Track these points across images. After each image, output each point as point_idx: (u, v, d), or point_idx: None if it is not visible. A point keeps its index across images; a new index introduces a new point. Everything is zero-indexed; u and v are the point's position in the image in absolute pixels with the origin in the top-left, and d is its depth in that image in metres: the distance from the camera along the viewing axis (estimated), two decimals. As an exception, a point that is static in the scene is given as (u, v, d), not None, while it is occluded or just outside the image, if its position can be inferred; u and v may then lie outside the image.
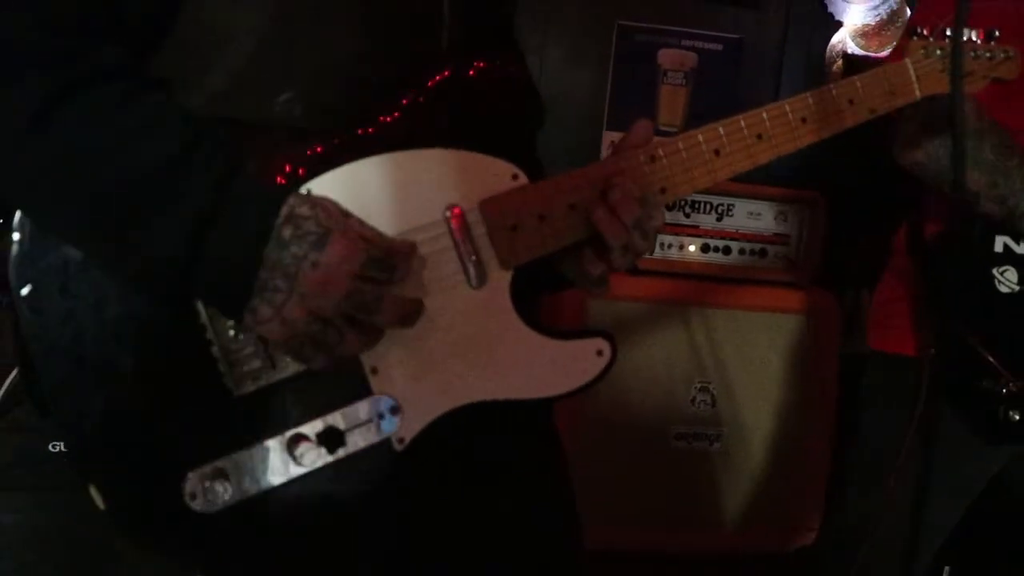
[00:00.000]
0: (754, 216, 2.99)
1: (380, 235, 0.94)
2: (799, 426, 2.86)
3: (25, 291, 0.89)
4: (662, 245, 2.98)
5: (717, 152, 1.20)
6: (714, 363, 2.94)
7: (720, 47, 3.66)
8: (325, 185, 0.96)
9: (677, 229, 2.97)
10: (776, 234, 3.00)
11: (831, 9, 3.56)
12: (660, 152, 1.16)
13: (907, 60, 1.37)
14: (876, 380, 1.91)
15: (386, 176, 1.00)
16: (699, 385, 2.92)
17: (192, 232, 0.85)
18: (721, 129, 1.21)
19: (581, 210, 1.09)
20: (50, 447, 2.37)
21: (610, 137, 3.75)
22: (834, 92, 1.29)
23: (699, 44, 3.67)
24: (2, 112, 0.82)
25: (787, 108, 1.25)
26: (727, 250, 2.98)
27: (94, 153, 0.84)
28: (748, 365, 2.91)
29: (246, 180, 0.89)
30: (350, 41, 1.02)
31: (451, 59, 1.09)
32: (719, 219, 2.99)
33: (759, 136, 1.22)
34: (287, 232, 0.88)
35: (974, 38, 1.44)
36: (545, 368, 1.08)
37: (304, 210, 0.90)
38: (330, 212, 0.91)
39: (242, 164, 0.90)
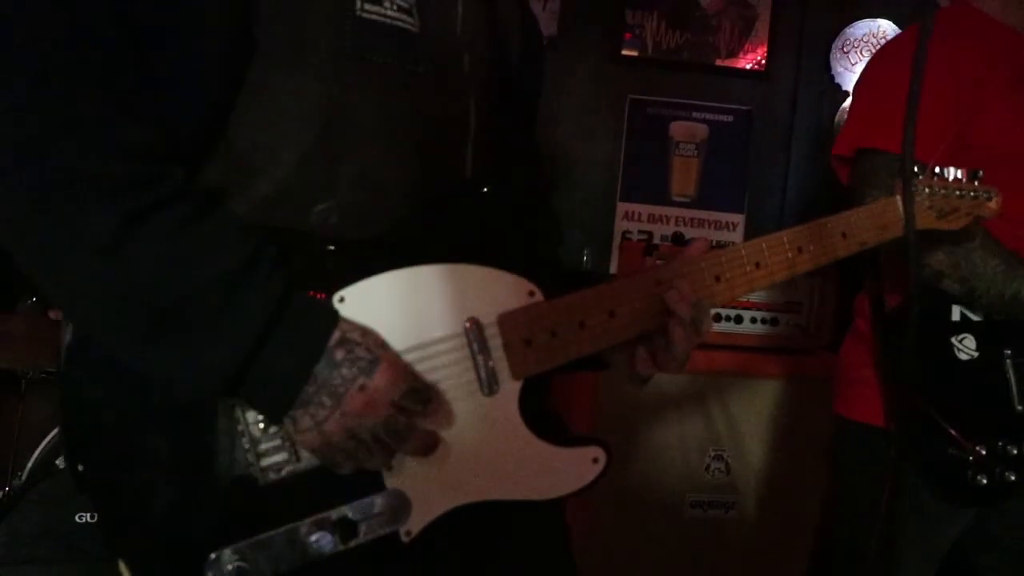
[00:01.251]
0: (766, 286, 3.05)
1: (420, 377, 1.03)
2: (815, 491, 2.88)
3: (71, 373, 0.98)
4: (674, 315, 3.04)
5: (717, 278, 1.27)
6: (728, 431, 2.98)
7: (731, 118, 3.77)
8: (357, 292, 1.05)
9: (689, 300, 3.04)
10: (788, 302, 3.05)
11: (838, 79, 3.66)
12: (665, 274, 1.23)
13: (897, 197, 1.43)
14: (848, 447, 1.95)
15: (413, 287, 1.09)
16: (713, 453, 2.97)
17: (247, 347, 0.93)
18: (723, 257, 1.28)
19: (589, 328, 1.18)
20: (76, 518, 2.44)
21: (624, 208, 3.85)
22: (829, 225, 1.37)
23: (710, 116, 3.78)
24: (74, 241, 0.87)
25: (784, 239, 1.32)
26: (739, 319, 3.04)
27: (159, 274, 0.90)
28: (762, 432, 2.96)
29: (300, 297, 0.97)
30: (385, 157, 1.11)
31: (474, 179, 1.20)
32: (731, 289, 3.05)
33: (757, 264, 1.30)
34: (339, 355, 0.96)
35: (959, 176, 1.51)
36: (545, 473, 1.17)
37: (356, 336, 0.98)
38: (378, 341, 1.00)
39: (294, 282, 0.97)
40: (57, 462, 2.43)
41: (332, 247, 1.08)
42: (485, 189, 1.20)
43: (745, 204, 3.76)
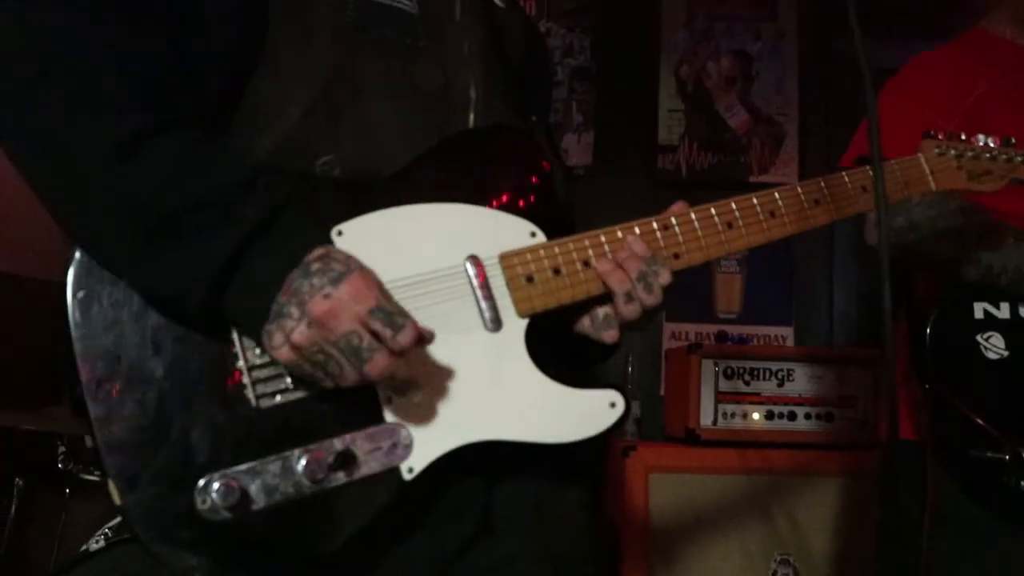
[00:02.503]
0: (816, 379, 2.96)
1: (399, 305, 0.99)
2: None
3: (79, 296, 0.97)
4: (724, 415, 2.95)
5: (730, 225, 1.26)
6: (792, 533, 2.82)
7: (769, 233, 3.78)
8: (355, 226, 1.05)
9: (738, 397, 2.95)
10: (841, 396, 2.95)
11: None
12: (673, 221, 1.22)
13: (920, 155, 1.44)
14: (889, 467, 1.88)
15: (412, 223, 1.10)
16: (779, 558, 2.80)
17: (233, 252, 0.94)
18: (734, 204, 1.27)
19: (593, 267, 1.16)
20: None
21: (671, 328, 3.82)
22: (847, 179, 1.37)
23: (747, 231, 3.80)
24: (85, 149, 0.93)
25: (799, 190, 1.33)
26: (792, 415, 2.93)
27: (160, 184, 0.94)
28: (829, 532, 2.79)
29: (294, 216, 0.99)
30: (386, 115, 1.16)
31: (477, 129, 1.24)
32: (780, 384, 2.96)
33: (772, 213, 1.29)
34: (315, 265, 0.96)
35: (990, 143, 1.52)
36: (556, 414, 1.11)
37: (338, 254, 0.98)
38: (359, 262, 0.99)
39: (291, 204, 0.99)
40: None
41: (332, 187, 1.11)
42: (487, 137, 1.22)
43: (793, 317, 3.71)
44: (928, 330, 1.74)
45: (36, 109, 0.94)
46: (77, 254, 0.98)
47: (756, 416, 2.95)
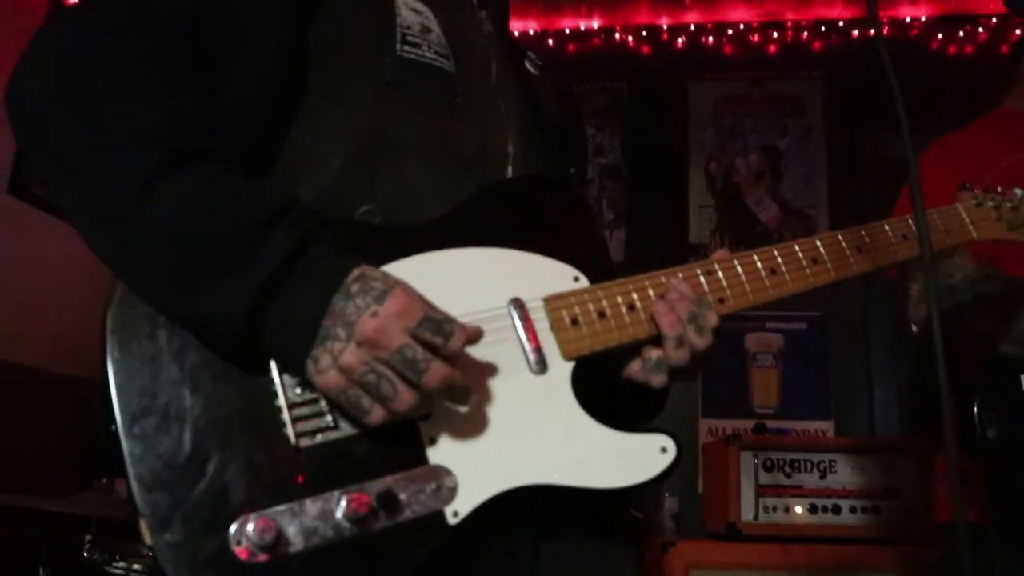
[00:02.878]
0: (860, 471, 2.87)
1: (444, 311, 0.98)
2: None
3: (117, 331, 0.95)
4: (766, 508, 2.85)
5: (773, 271, 1.24)
6: (841, 633, 2.69)
7: (804, 325, 3.74)
8: (398, 268, 1.03)
9: (780, 490, 2.86)
10: (887, 487, 2.85)
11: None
12: (716, 267, 1.21)
13: (958, 204, 1.43)
14: (943, 553, 1.81)
15: (455, 266, 1.08)
16: (828, 659, 2.65)
17: (268, 281, 0.92)
18: (776, 251, 1.26)
19: (638, 311, 1.13)
20: None
21: (707, 424, 3.75)
22: (888, 228, 1.35)
23: (783, 325, 3.77)
24: (117, 175, 0.93)
25: (841, 238, 1.31)
26: (836, 509, 2.84)
27: (190, 212, 0.93)
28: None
29: (324, 245, 0.97)
30: (424, 169, 1.16)
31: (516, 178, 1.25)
32: (823, 476, 2.88)
33: (814, 260, 1.27)
34: (355, 287, 0.94)
35: None
36: (605, 459, 1.06)
37: (375, 273, 0.97)
38: (397, 277, 0.97)
39: (321, 236, 0.98)
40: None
41: (374, 232, 1.10)
42: (527, 185, 1.22)
43: (832, 410, 3.63)
44: (976, 407, 1.69)
45: (73, 144, 0.95)
46: (118, 290, 0.97)
47: (799, 510, 2.85)
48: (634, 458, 1.08)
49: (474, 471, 1.01)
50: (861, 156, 3.83)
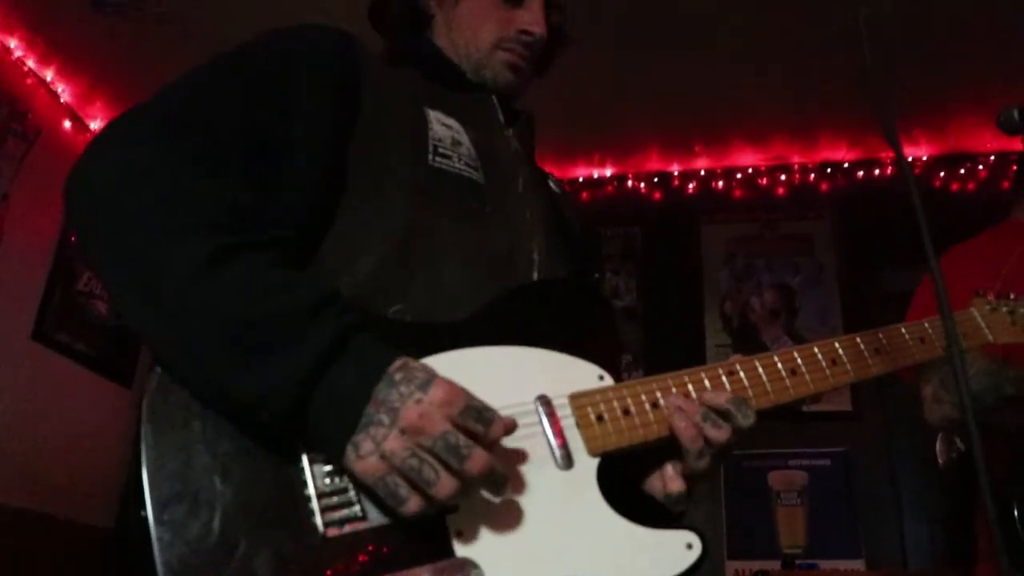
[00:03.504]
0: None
1: (481, 400, 1.00)
2: None
3: (151, 420, 0.96)
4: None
5: (793, 372, 1.26)
6: None
7: (828, 462, 3.69)
8: (430, 364, 1.05)
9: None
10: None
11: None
12: (737, 367, 1.23)
13: (973, 309, 1.47)
14: None
15: (483, 363, 1.10)
16: None
17: (314, 365, 0.95)
18: (796, 353, 1.28)
19: (662, 408, 1.15)
20: None
21: (733, 566, 3.64)
22: (905, 332, 1.38)
23: (806, 462, 3.72)
24: (171, 263, 0.98)
25: (859, 340, 1.33)
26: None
27: (240, 299, 0.97)
28: None
29: (368, 335, 1.01)
30: (455, 271, 1.21)
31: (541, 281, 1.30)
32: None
33: (833, 361, 1.30)
34: (398, 375, 0.97)
35: None
36: (630, 554, 1.05)
37: (416, 363, 1.00)
38: (436, 370, 1.01)
39: (364, 327, 1.02)
40: None
41: (406, 329, 1.13)
42: (552, 288, 1.27)
43: (862, 548, 3.53)
44: (1016, 511, 1.67)
45: (129, 234, 1.00)
46: (154, 381, 0.99)
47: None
48: (660, 553, 1.06)
49: (499, 564, 1.00)
50: (871, 290, 3.88)
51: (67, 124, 4.27)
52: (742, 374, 1.24)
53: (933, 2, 3.40)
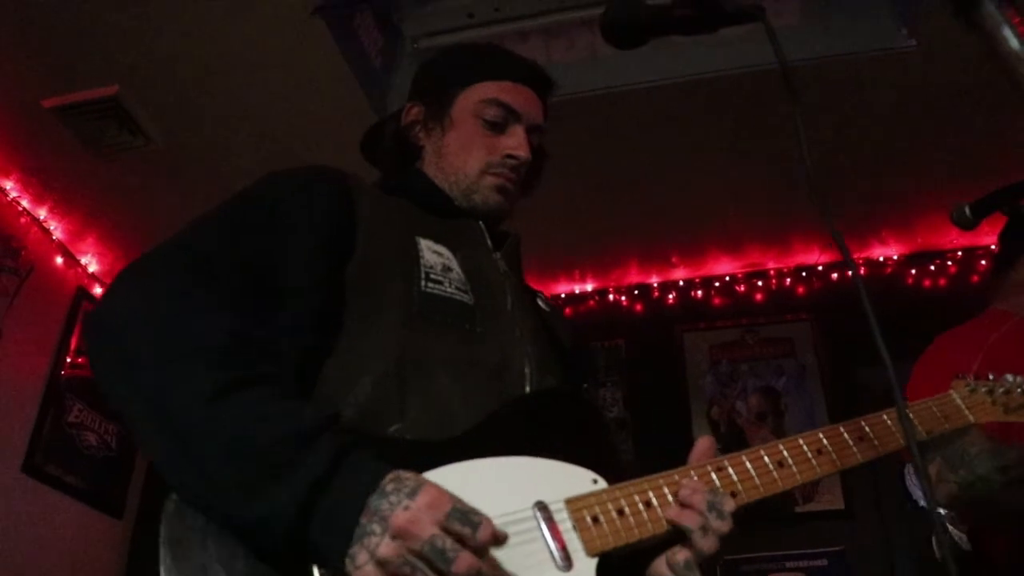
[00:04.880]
0: None
1: (471, 506, 1.05)
2: None
3: (169, 542, 1.01)
4: None
5: (780, 464, 1.32)
6: None
7: (825, 562, 3.69)
8: (428, 477, 1.11)
9: None
10: None
11: (922, 503, 3.64)
12: (726, 463, 1.29)
13: (952, 392, 1.55)
14: None
15: (481, 475, 1.16)
16: None
17: (313, 483, 1.01)
18: (781, 446, 1.35)
19: (655, 508, 1.21)
20: None
21: None
22: (887, 419, 1.45)
23: (804, 563, 3.72)
24: (186, 391, 1.05)
25: (842, 430, 1.41)
26: None
27: (248, 426, 1.04)
28: None
29: (364, 451, 1.07)
30: (450, 389, 1.28)
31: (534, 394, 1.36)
32: None
33: (819, 451, 1.36)
34: (390, 487, 1.02)
35: (1019, 380, 1.63)
36: None
37: (407, 474, 1.05)
38: (427, 480, 1.06)
39: (360, 444, 1.08)
40: None
41: (405, 447, 1.19)
42: (544, 399, 1.34)
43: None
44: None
45: (146, 361, 1.08)
46: (169, 505, 1.05)
47: None
48: (663, 652, 1.11)
49: (504, 666, 1.03)
50: (855, 387, 3.95)
51: (59, 260, 4.35)
52: (730, 470, 1.30)
53: (894, 106, 3.58)
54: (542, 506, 1.16)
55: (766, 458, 1.32)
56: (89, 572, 4.19)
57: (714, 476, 1.27)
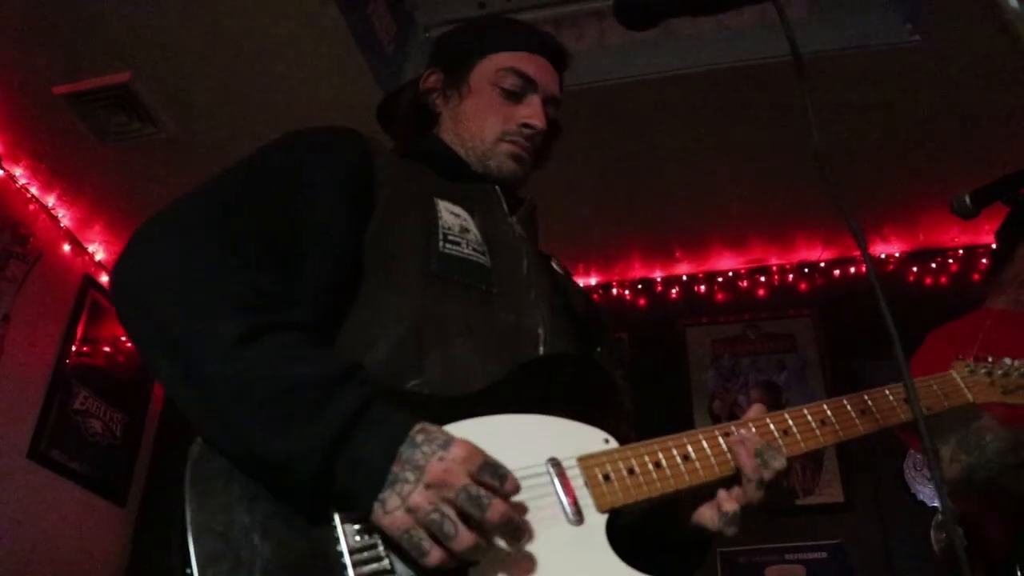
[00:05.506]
0: None
1: (496, 459, 1.09)
2: None
3: (195, 482, 1.03)
4: None
5: (785, 432, 1.36)
6: None
7: (824, 554, 3.71)
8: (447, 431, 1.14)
9: None
10: None
11: (921, 497, 3.67)
12: (732, 429, 1.34)
13: (952, 371, 1.58)
14: None
15: (496, 430, 1.19)
16: None
17: (339, 430, 1.03)
18: (787, 414, 1.40)
19: (664, 468, 1.23)
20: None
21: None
22: (889, 394, 1.48)
23: (802, 555, 3.73)
24: (211, 337, 1.08)
25: (846, 402, 1.45)
26: None
27: (272, 369, 1.07)
28: None
29: (387, 404, 1.10)
30: (467, 349, 1.31)
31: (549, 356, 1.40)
32: None
33: (823, 422, 1.40)
34: (420, 437, 1.06)
35: (1018, 364, 1.65)
36: None
37: (434, 427, 1.09)
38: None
39: (384, 396, 1.11)
40: None
41: (423, 400, 1.22)
42: (557, 362, 1.37)
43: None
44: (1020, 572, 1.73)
45: (173, 314, 1.11)
46: (195, 449, 1.08)
47: None
48: (667, 601, 1.13)
49: (519, 613, 1.06)
50: (856, 382, 3.94)
51: (66, 247, 4.38)
52: (736, 436, 1.32)
53: (898, 102, 3.61)
54: (555, 462, 1.19)
55: (772, 427, 1.36)
56: (92, 558, 4.22)
57: (721, 441, 1.30)
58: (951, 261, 4.52)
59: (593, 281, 4.94)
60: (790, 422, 1.37)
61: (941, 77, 3.41)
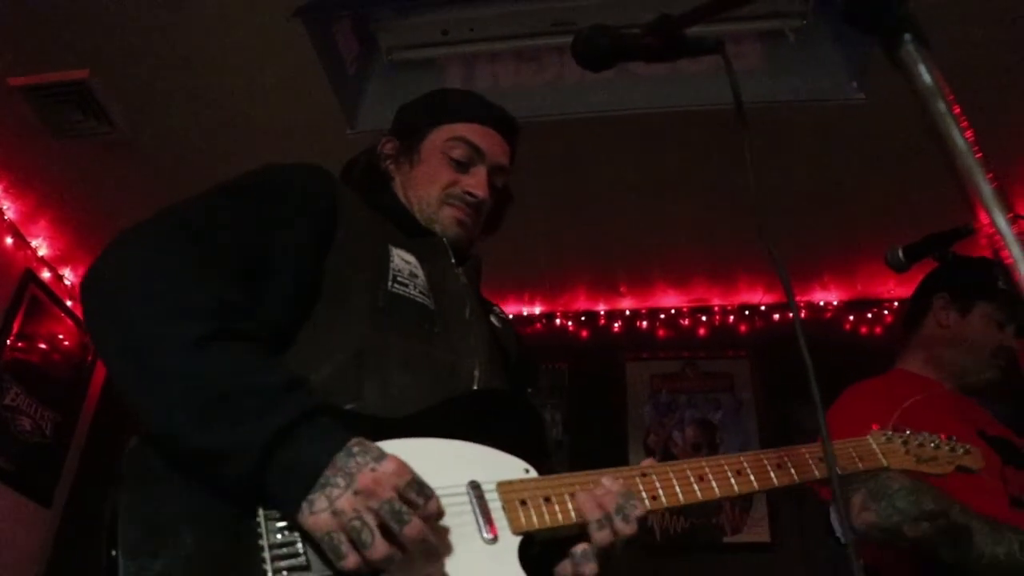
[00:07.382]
0: None
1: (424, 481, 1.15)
2: None
3: (129, 474, 1.09)
4: None
5: (701, 478, 1.41)
6: None
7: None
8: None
9: None
10: None
11: (845, 540, 3.74)
12: (651, 471, 1.38)
13: (868, 437, 1.66)
14: None
15: (423, 451, 1.24)
16: None
17: (278, 431, 1.09)
18: (704, 462, 1.44)
19: (578, 499, 1.29)
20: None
21: None
22: (805, 452, 1.54)
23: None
24: (169, 339, 1.14)
25: (763, 456, 1.51)
26: None
27: (224, 372, 1.13)
28: None
29: (330, 416, 1.17)
30: (404, 380, 1.38)
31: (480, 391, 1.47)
32: None
33: (738, 472, 1.46)
34: (356, 448, 1.12)
35: (932, 437, 1.76)
36: None
37: (369, 443, 1.16)
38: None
39: (326, 410, 1.17)
40: None
41: (358, 419, 1.27)
42: (490, 396, 1.46)
43: None
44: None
45: (138, 316, 1.17)
46: (133, 441, 1.13)
47: None
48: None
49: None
50: (789, 426, 4.06)
51: (8, 240, 4.32)
52: (654, 477, 1.38)
53: (842, 154, 3.73)
54: (475, 485, 1.24)
55: (688, 472, 1.41)
56: (11, 556, 4.13)
57: (638, 481, 1.36)
58: (886, 312, 4.65)
59: (537, 310, 4.99)
60: (706, 469, 1.43)
61: (882, 135, 3.53)
